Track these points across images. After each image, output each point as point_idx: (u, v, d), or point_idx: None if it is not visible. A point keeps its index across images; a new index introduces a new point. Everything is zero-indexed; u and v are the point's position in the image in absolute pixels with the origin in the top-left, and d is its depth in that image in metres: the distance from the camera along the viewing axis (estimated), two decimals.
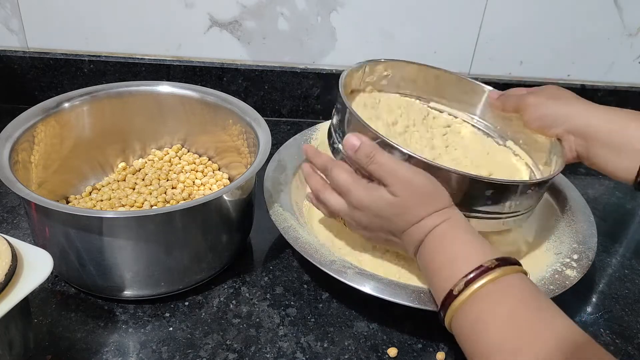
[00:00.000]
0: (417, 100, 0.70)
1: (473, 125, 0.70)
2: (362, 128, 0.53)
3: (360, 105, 0.65)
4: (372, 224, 0.52)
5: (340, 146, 0.56)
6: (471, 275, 0.44)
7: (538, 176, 0.63)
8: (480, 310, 0.43)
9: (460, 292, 0.44)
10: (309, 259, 0.54)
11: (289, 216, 0.59)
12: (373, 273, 0.54)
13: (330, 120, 0.61)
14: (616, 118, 0.56)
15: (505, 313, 0.42)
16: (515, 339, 0.41)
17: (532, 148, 0.65)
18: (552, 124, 0.59)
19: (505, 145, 0.68)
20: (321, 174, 0.57)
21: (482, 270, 0.44)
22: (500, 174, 0.62)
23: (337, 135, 0.58)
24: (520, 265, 0.46)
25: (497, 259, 0.45)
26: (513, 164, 0.65)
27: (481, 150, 0.66)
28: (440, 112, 0.71)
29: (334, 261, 0.54)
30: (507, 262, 0.45)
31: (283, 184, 0.65)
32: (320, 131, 0.73)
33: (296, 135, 0.73)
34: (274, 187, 0.63)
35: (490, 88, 0.69)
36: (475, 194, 0.52)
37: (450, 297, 0.45)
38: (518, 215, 0.56)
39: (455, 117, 0.70)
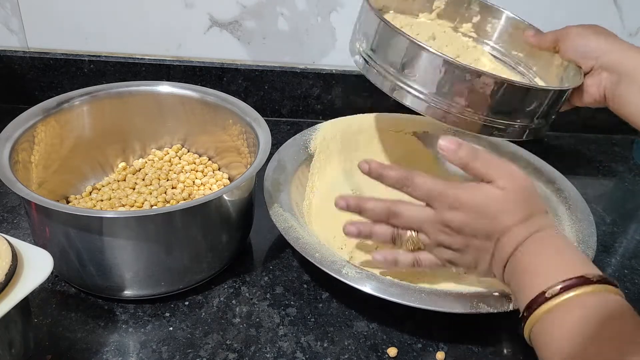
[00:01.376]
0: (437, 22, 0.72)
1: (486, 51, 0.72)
2: (394, 33, 0.54)
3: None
4: (469, 226, 0.48)
5: (370, 55, 0.58)
6: (569, 282, 0.41)
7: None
8: (578, 319, 0.40)
9: (553, 295, 0.41)
10: (310, 259, 0.54)
11: (289, 216, 0.59)
12: (373, 273, 0.54)
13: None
14: None
15: (611, 331, 0.39)
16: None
17: (545, 75, 0.66)
18: (588, 55, 0.60)
19: (517, 70, 0.69)
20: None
21: (582, 281, 0.41)
22: None
23: (362, 40, 0.60)
24: (619, 288, 0.43)
25: (599, 276, 0.42)
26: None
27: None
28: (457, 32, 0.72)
29: (334, 261, 0.54)
30: (609, 282, 0.42)
31: (283, 184, 0.65)
32: (320, 131, 0.73)
33: (296, 135, 0.73)
34: (274, 187, 0.63)
35: (511, 14, 0.70)
36: (510, 102, 0.53)
37: (541, 297, 0.42)
38: (537, 125, 0.58)
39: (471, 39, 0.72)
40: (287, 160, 0.69)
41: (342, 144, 0.73)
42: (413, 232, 0.52)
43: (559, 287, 0.41)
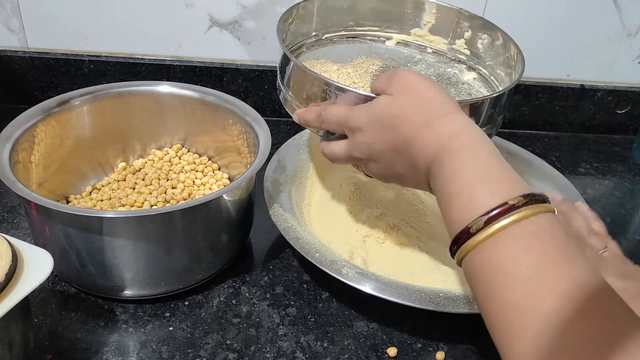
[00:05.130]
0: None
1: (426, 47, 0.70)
2: (306, 75, 0.54)
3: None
4: (376, 143, 0.46)
5: (288, 95, 0.58)
6: (493, 213, 0.37)
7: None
8: (502, 257, 0.37)
9: (478, 230, 0.38)
10: (310, 259, 0.54)
11: (289, 216, 0.59)
12: (373, 273, 0.54)
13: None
14: None
15: (532, 264, 0.36)
16: (541, 294, 0.35)
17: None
18: None
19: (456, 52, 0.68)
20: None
21: (506, 209, 0.37)
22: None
23: (284, 86, 0.59)
24: (549, 202, 0.39)
25: (524, 195, 0.38)
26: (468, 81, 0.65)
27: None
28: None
29: (334, 261, 0.54)
30: (535, 199, 0.38)
31: (283, 184, 0.65)
32: None
33: (296, 135, 0.73)
34: (274, 187, 0.63)
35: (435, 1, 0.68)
36: None
37: (466, 234, 0.39)
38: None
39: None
40: (287, 160, 0.69)
41: None
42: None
43: (482, 220, 0.38)
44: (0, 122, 0.56)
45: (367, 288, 0.52)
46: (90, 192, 0.64)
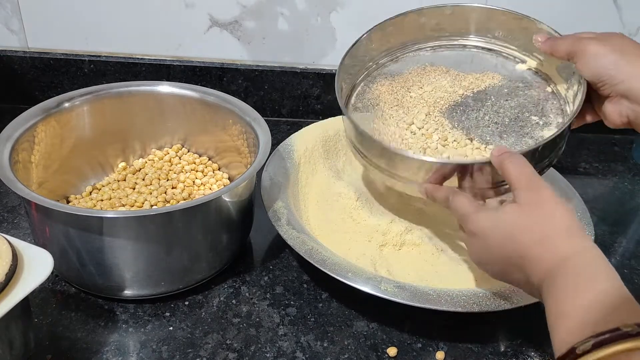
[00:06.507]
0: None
1: (490, 49, 0.69)
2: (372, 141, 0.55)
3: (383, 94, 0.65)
4: (490, 250, 0.46)
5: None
6: (602, 337, 0.35)
7: (566, 104, 0.61)
8: None
9: (585, 352, 0.35)
10: (309, 260, 0.54)
11: (288, 217, 0.59)
12: (373, 273, 0.54)
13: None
14: None
15: None
16: None
17: (554, 68, 0.63)
18: (606, 81, 0.53)
19: (524, 64, 0.66)
20: None
21: (618, 335, 0.35)
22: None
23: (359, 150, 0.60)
24: None
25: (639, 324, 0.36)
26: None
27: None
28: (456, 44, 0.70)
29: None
30: None
31: (282, 184, 0.65)
32: (298, 140, 0.71)
33: (278, 147, 0.72)
34: (273, 187, 0.63)
35: (503, 8, 0.67)
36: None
37: (571, 355, 0.36)
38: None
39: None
40: (287, 160, 0.69)
41: (324, 150, 0.72)
42: None
43: (590, 343, 0.35)
44: (0, 122, 0.56)
45: (367, 288, 0.52)
46: (90, 192, 0.64)
